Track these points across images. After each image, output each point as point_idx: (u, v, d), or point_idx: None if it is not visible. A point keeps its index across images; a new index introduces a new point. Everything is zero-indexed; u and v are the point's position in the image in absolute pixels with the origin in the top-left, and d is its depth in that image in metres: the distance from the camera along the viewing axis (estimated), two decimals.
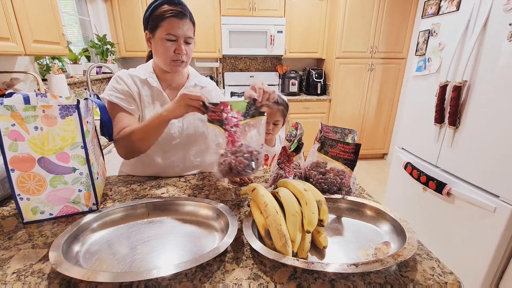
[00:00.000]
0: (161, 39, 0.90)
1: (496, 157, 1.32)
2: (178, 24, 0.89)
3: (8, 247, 0.63)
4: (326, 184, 0.85)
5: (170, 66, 0.95)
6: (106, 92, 0.96)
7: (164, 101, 1.02)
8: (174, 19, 0.88)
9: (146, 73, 1.01)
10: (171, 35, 0.90)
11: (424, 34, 1.81)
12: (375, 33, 3.22)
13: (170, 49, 0.91)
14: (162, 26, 0.89)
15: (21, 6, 1.40)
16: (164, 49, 0.91)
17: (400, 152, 2.06)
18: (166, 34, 0.89)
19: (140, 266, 0.57)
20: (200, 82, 1.11)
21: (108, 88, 0.97)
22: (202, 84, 1.11)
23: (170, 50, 0.91)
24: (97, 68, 2.86)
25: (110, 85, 0.97)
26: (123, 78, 0.98)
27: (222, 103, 0.75)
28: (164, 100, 1.02)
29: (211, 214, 0.74)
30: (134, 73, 1.00)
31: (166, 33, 0.89)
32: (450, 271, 0.57)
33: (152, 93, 1.01)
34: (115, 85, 0.97)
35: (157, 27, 0.90)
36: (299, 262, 0.53)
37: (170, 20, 0.88)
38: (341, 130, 0.94)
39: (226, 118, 0.74)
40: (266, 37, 3.26)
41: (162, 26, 0.89)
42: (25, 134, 0.65)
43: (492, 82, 1.34)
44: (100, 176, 0.84)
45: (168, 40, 0.90)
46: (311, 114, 3.42)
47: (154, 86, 1.00)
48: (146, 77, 1.00)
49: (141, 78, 1.00)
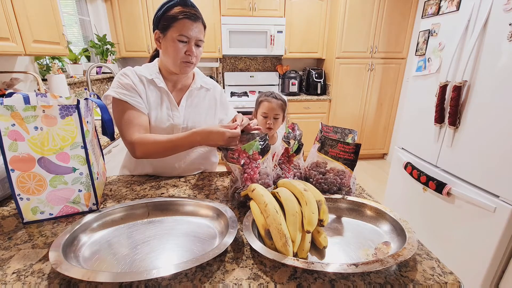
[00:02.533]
0: (173, 40, 0.90)
1: (496, 157, 1.32)
2: (191, 26, 0.90)
3: (8, 247, 0.63)
4: (326, 184, 0.85)
5: (179, 67, 0.95)
6: (113, 89, 0.93)
7: (171, 103, 1.01)
8: (188, 20, 0.89)
9: (152, 73, 0.99)
10: (183, 36, 0.90)
11: (424, 34, 1.81)
12: (375, 33, 3.22)
13: (182, 50, 0.92)
14: (174, 27, 0.89)
15: (21, 6, 1.40)
16: (175, 50, 0.91)
17: (400, 152, 2.06)
18: (178, 35, 0.90)
19: (140, 266, 0.57)
20: (205, 83, 1.10)
21: (115, 86, 0.94)
22: (207, 85, 1.11)
23: (181, 51, 0.92)
24: (97, 68, 2.86)
25: (117, 82, 0.95)
26: (129, 75, 0.96)
27: (236, 150, 0.77)
28: (171, 101, 1.01)
29: (211, 214, 0.74)
30: (140, 72, 0.98)
31: (178, 34, 0.90)
32: (450, 271, 0.57)
33: (158, 94, 1.00)
34: (121, 81, 0.94)
35: (169, 27, 0.90)
36: (299, 262, 0.53)
37: (183, 21, 0.89)
38: (341, 130, 0.94)
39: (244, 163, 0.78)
40: (266, 37, 3.26)
41: (174, 26, 0.89)
42: (25, 134, 0.65)
43: (492, 82, 1.34)
44: (100, 176, 0.84)
45: (180, 41, 0.91)
46: (311, 114, 3.42)
47: (161, 87, 0.99)
48: (152, 77, 0.98)
49: (148, 78, 0.98)
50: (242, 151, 0.77)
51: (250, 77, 3.70)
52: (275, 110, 1.25)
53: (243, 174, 0.79)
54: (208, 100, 1.10)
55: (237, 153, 0.78)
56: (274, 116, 1.26)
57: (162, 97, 1.00)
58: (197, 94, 1.07)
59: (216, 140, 0.84)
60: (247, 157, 0.78)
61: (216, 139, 0.84)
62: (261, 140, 0.79)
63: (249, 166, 0.78)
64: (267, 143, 0.81)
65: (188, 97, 1.05)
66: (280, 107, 1.25)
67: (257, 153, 0.78)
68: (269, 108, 1.24)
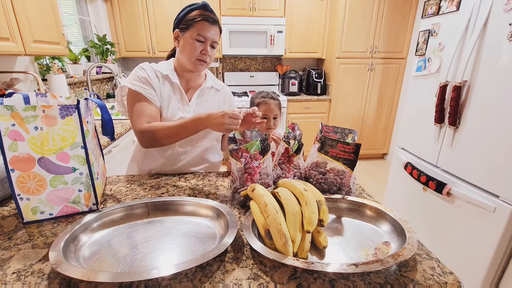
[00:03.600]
0: (191, 38, 0.98)
1: (496, 157, 1.32)
2: (209, 28, 0.98)
3: (8, 247, 0.63)
4: (326, 184, 0.85)
5: (194, 64, 1.01)
6: (129, 81, 1.01)
7: (183, 98, 1.07)
8: (206, 23, 0.98)
9: (167, 70, 1.06)
10: (200, 36, 0.98)
11: (424, 34, 1.81)
12: (375, 33, 3.22)
13: (198, 49, 0.99)
14: (193, 27, 0.97)
15: (21, 6, 1.40)
16: (192, 48, 0.99)
17: (400, 152, 2.06)
18: (196, 34, 0.97)
19: (140, 266, 0.57)
20: (216, 84, 1.17)
21: (131, 78, 1.02)
22: (217, 86, 1.17)
23: (198, 49, 0.99)
24: (97, 68, 2.86)
25: (133, 75, 1.02)
26: (146, 69, 1.03)
27: (240, 149, 0.79)
28: (182, 97, 1.07)
29: (211, 214, 0.74)
30: (156, 68, 1.05)
31: (196, 34, 0.97)
32: (450, 271, 0.57)
33: (172, 89, 1.06)
34: (137, 74, 1.01)
35: (189, 27, 0.98)
36: (299, 262, 0.53)
37: (202, 23, 0.97)
38: (341, 130, 0.94)
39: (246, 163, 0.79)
40: (266, 37, 3.26)
41: (194, 27, 0.97)
42: (25, 134, 0.65)
43: (492, 82, 1.34)
44: (100, 176, 0.84)
45: (197, 41, 0.98)
46: (311, 114, 3.42)
47: (174, 82, 1.05)
48: (167, 73, 1.05)
49: (163, 73, 1.05)
50: (244, 150, 0.79)
51: (250, 77, 3.70)
52: (274, 111, 1.26)
53: (243, 174, 0.80)
54: (217, 100, 1.17)
55: (240, 151, 0.79)
56: (273, 116, 1.27)
57: (175, 92, 1.07)
58: (207, 93, 1.14)
59: (217, 119, 0.87)
60: (249, 156, 0.79)
61: (217, 119, 0.87)
62: (261, 140, 0.80)
63: (250, 165, 0.79)
64: (267, 143, 0.82)
65: (199, 95, 1.11)
66: (277, 107, 1.28)
67: (258, 152, 0.79)
68: (268, 110, 1.25)
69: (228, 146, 0.83)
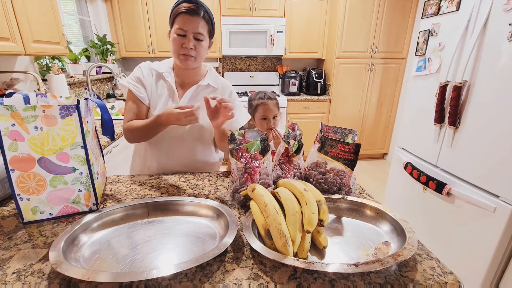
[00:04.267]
0: (174, 33, 0.96)
1: (496, 157, 1.32)
2: (188, 20, 0.94)
3: (8, 247, 0.63)
4: (326, 184, 0.85)
5: (179, 59, 1.00)
6: (127, 79, 1.06)
7: (174, 96, 1.07)
8: (185, 15, 0.94)
9: (165, 68, 1.07)
10: (180, 30, 0.95)
11: (424, 34, 1.81)
12: (375, 33, 3.22)
13: (179, 43, 0.96)
14: (176, 22, 0.96)
15: (21, 6, 1.40)
16: (173, 43, 0.97)
17: (400, 152, 2.06)
18: (176, 29, 0.95)
19: (140, 266, 0.57)
20: (214, 82, 1.12)
21: (130, 76, 1.07)
22: (215, 84, 1.12)
23: (179, 44, 0.96)
24: (97, 68, 2.86)
25: (132, 74, 1.06)
26: (142, 67, 1.06)
27: (240, 149, 0.79)
28: (174, 95, 1.07)
29: (211, 214, 0.74)
30: (154, 66, 1.07)
31: (176, 28, 0.95)
32: (450, 271, 0.57)
33: (165, 87, 1.07)
34: (134, 73, 1.06)
35: (173, 23, 0.97)
36: (299, 262, 0.53)
37: (182, 16, 0.94)
38: (341, 130, 0.94)
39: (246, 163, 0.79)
40: (266, 37, 3.26)
41: (176, 21, 0.96)
42: (25, 134, 0.65)
43: (492, 82, 1.34)
44: (100, 176, 0.84)
45: (178, 35, 0.96)
46: (311, 114, 3.42)
47: (167, 80, 1.06)
48: (163, 71, 1.06)
49: (158, 71, 1.06)
50: (245, 150, 0.79)
51: (250, 77, 3.70)
52: (273, 111, 1.27)
53: (243, 174, 0.80)
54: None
55: (240, 151, 0.79)
56: (273, 116, 1.28)
57: (168, 90, 1.07)
58: (203, 91, 1.11)
59: (173, 116, 0.88)
60: (249, 156, 0.79)
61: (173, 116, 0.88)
62: (261, 140, 0.80)
63: (250, 165, 0.79)
64: (267, 143, 0.82)
65: (192, 93, 1.09)
66: (276, 106, 1.28)
67: (258, 152, 0.79)
68: (267, 110, 1.26)
69: (228, 146, 0.83)
